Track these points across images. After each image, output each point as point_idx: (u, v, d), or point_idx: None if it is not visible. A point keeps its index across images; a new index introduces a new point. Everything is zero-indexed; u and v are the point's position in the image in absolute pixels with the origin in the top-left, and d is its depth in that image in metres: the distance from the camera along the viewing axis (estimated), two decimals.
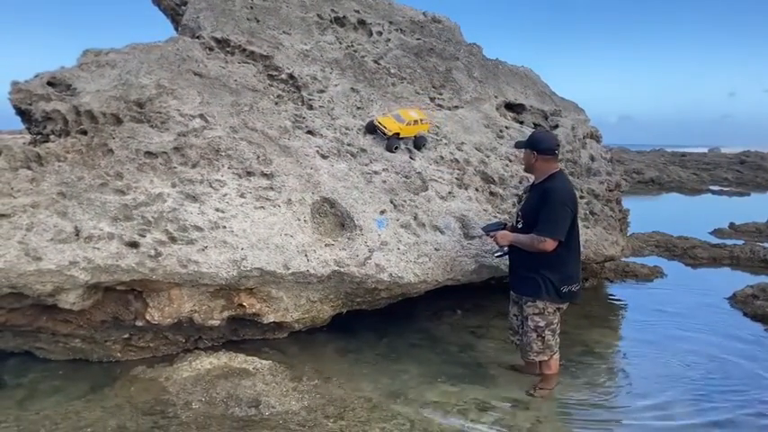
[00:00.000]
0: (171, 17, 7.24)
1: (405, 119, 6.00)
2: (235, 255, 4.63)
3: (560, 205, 4.48)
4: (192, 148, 5.03)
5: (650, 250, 10.56)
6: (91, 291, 4.39)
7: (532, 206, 4.63)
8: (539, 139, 4.77)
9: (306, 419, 4.16)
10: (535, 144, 4.69)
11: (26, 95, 5.06)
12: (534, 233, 4.50)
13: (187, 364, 4.81)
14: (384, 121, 6.03)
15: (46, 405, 4.33)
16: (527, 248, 4.57)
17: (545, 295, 4.58)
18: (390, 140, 6.00)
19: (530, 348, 4.72)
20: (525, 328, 4.73)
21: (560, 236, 4.47)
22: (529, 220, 4.62)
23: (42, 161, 4.56)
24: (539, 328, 4.66)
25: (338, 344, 5.66)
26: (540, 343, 4.68)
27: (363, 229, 5.25)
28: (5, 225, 4.14)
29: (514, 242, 4.68)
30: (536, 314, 4.66)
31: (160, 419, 4.10)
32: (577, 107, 8.51)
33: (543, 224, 4.47)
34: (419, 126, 6.11)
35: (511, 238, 4.71)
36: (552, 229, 4.45)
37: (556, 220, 4.46)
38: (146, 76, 5.37)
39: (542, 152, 4.64)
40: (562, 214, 4.48)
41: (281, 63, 6.28)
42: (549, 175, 4.65)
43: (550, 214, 4.46)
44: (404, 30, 7.52)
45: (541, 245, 4.46)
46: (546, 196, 4.51)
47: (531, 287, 4.64)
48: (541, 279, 4.57)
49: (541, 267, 4.56)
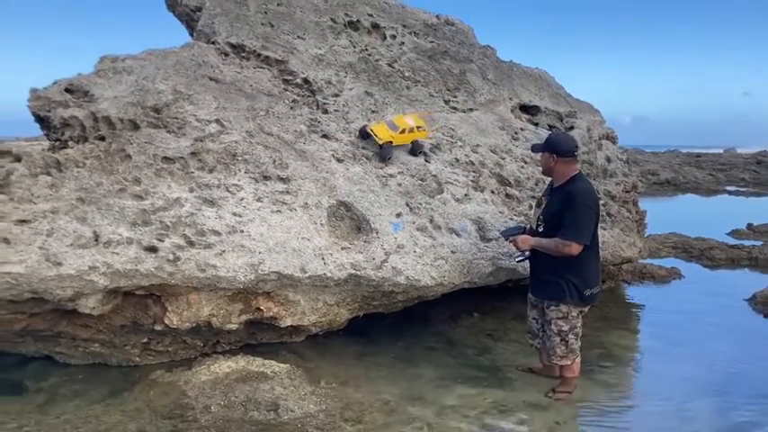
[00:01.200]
0: (186, 23, 7.27)
1: (399, 126, 5.86)
2: (252, 259, 4.65)
3: (584, 208, 4.43)
4: (209, 153, 5.06)
5: (667, 252, 10.48)
6: (110, 295, 4.42)
7: (554, 210, 4.56)
8: (557, 141, 4.71)
9: (324, 423, 4.16)
10: (554, 146, 4.63)
11: (44, 102, 5.10)
12: (559, 237, 4.44)
13: (205, 367, 4.83)
14: (376, 129, 5.89)
15: (66, 409, 4.36)
16: (551, 252, 4.52)
17: (569, 299, 4.54)
18: (383, 149, 5.84)
19: (553, 353, 4.68)
20: (548, 333, 4.69)
21: (585, 239, 4.43)
22: (551, 223, 4.56)
23: (61, 167, 4.60)
24: (562, 332, 4.62)
25: (355, 347, 5.66)
26: (564, 347, 4.65)
27: (379, 232, 5.25)
28: (26, 231, 4.18)
29: (536, 246, 4.62)
30: (560, 318, 4.61)
31: (179, 423, 4.12)
32: (592, 108, 8.48)
33: (568, 228, 4.41)
34: (415, 134, 5.97)
35: (532, 242, 4.65)
36: (577, 232, 4.40)
37: (580, 223, 4.41)
38: (162, 82, 5.40)
39: (562, 154, 4.59)
40: (586, 217, 4.44)
41: (295, 67, 6.31)
42: (570, 178, 4.60)
43: (575, 218, 4.40)
44: (417, 33, 7.53)
45: (566, 249, 4.41)
46: (569, 199, 4.44)
47: (555, 291, 4.58)
48: (565, 283, 4.52)
49: (564, 271, 4.51)
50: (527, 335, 5.10)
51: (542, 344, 4.85)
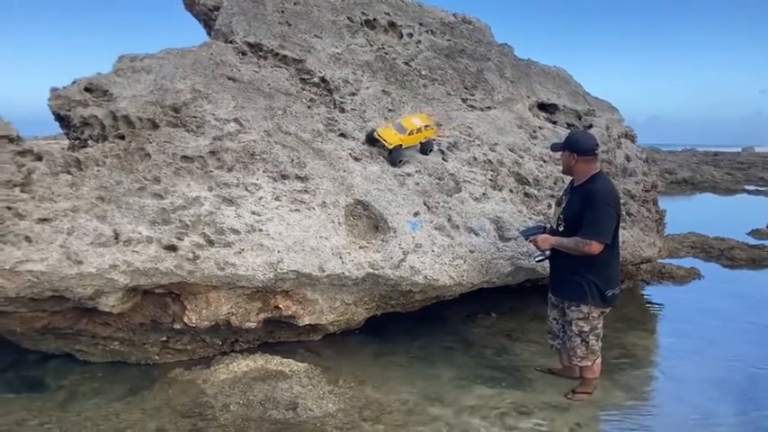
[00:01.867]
0: (204, 22, 7.30)
1: (407, 128, 5.79)
2: (271, 257, 4.65)
3: (605, 207, 4.37)
4: (228, 152, 5.07)
5: (686, 251, 10.38)
6: (130, 294, 4.44)
7: (575, 209, 4.49)
8: (577, 139, 4.65)
9: (343, 422, 4.15)
10: (574, 145, 4.58)
11: (65, 101, 5.13)
12: (579, 236, 4.39)
13: (224, 366, 4.84)
14: (384, 134, 5.79)
15: (86, 407, 4.39)
16: (571, 252, 4.47)
17: (590, 300, 4.49)
18: (393, 154, 5.77)
19: (574, 354, 4.65)
20: (569, 333, 4.65)
21: (606, 238, 4.37)
22: (571, 223, 4.50)
23: (82, 166, 4.62)
24: (583, 333, 4.58)
25: (372, 346, 5.64)
26: (585, 348, 4.61)
27: (397, 231, 5.24)
28: (47, 229, 4.20)
29: (557, 245, 4.57)
30: (580, 319, 4.57)
31: (199, 422, 4.13)
32: (611, 107, 8.41)
33: (588, 227, 4.36)
34: (424, 133, 5.91)
35: (553, 241, 4.60)
36: (598, 231, 4.35)
37: (601, 222, 4.36)
38: (181, 81, 5.42)
39: (582, 153, 4.53)
40: (607, 216, 4.38)
41: (312, 67, 6.30)
42: (591, 177, 4.54)
43: (595, 217, 4.35)
44: (434, 31, 7.50)
45: (587, 248, 4.35)
46: (590, 198, 4.39)
47: (576, 291, 4.53)
48: (586, 283, 4.47)
49: (586, 271, 4.47)
50: (547, 335, 5.06)
51: (562, 344, 4.81)
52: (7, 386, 4.73)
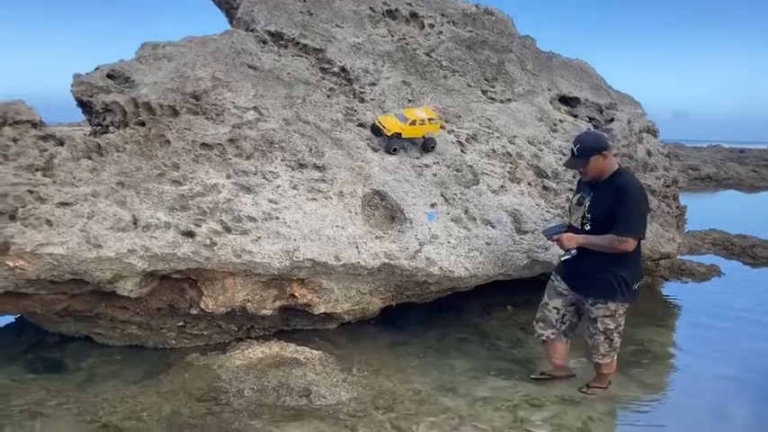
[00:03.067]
0: (225, 11, 7.34)
1: (408, 118, 5.68)
2: (287, 245, 4.68)
3: (638, 203, 4.25)
4: (247, 140, 5.10)
5: (707, 248, 10.24)
6: (148, 278, 4.49)
7: (606, 206, 4.30)
8: (596, 139, 4.50)
9: (356, 410, 4.18)
10: (599, 146, 4.39)
11: (87, 88, 5.20)
12: (613, 233, 4.24)
13: (240, 352, 4.88)
14: (384, 121, 5.74)
15: (104, 389, 4.46)
16: (604, 250, 4.30)
17: (619, 297, 4.35)
18: (390, 141, 5.68)
19: (596, 351, 4.56)
20: (592, 331, 4.54)
21: (641, 234, 4.27)
22: (602, 221, 4.32)
23: (102, 151, 4.68)
24: (608, 330, 4.47)
25: (387, 336, 5.66)
26: (608, 345, 4.52)
27: (414, 222, 5.24)
28: (68, 213, 4.27)
29: (586, 244, 4.38)
30: (606, 317, 4.44)
31: (213, 406, 4.17)
32: (633, 101, 8.31)
33: (623, 223, 4.20)
34: (427, 126, 5.76)
35: (580, 239, 4.41)
36: (633, 227, 4.22)
37: (636, 218, 4.24)
38: (201, 69, 5.46)
39: (606, 148, 4.39)
40: (641, 211, 4.28)
41: (333, 56, 6.31)
42: (615, 172, 4.40)
43: (630, 212, 4.20)
44: (456, 22, 7.46)
45: (623, 245, 4.20)
46: (622, 194, 4.22)
47: (606, 289, 4.38)
48: (615, 279, 4.32)
49: (614, 267, 4.32)
50: (537, 324, 4.80)
51: (557, 335, 4.72)
52: (28, 366, 4.83)
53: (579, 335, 4.79)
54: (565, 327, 4.73)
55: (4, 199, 4.19)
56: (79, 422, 4.00)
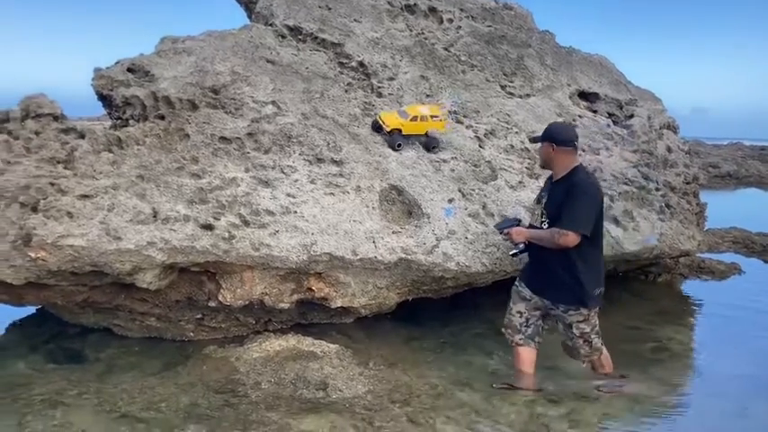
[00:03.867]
0: (244, 5, 7.36)
1: (410, 114, 5.60)
2: (305, 239, 4.69)
3: (583, 196, 4.16)
4: (265, 135, 5.12)
5: (727, 246, 10.13)
6: (167, 271, 4.53)
7: (558, 202, 4.26)
8: (557, 130, 4.45)
9: (372, 404, 4.18)
10: (553, 136, 4.37)
11: (107, 81, 5.25)
12: (556, 226, 4.19)
13: (257, 345, 4.90)
14: (385, 117, 5.65)
15: (123, 380, 4.49)
16: (546, 244, 4.23)
17: (588, 302, 4.30)
18: (392, 137, 5.59)
19: (578, 354, 4.55)
20: (570, 335, 4.50)
21: (584, 229, 4.12)
22: (554, 218, 4.29)
23: (122, 145, 4.72)
24: (585, 333, 4.43)
25: (403, 331, 5.66)
26: (588, 347, 4.49)
27: (431, 217, 5.23)
28: (88, 205, 4.31)
29: (531, 238, 4.37)
30: (581, 321, 4.39)
31: (231, 398, 4.20)
32: (654, 97, 8.24)
33: (565, 217, 4.14)
34: (429, 123, 5.66)
35: (527, 233, 4.41)
36: (575, 222, 4.11)
37: (579, 212, 4.14)
38: (221, 63, 5.49)
39: (561, 144, 4.32)
40: (586, 207, 4.16)
41: (351, 51, 6.31)
42: (572, 170, 4.34)
43: (573, 207, 4.14)
44: (475, 17, 7.43)
45: (563, 239, 4.11)
46: (570, 189, 4.19)
47: (574, 295, 4.31)
48: (583, 285, 4.25)
49: (579, 272, 4.24)
50: (505, 331, 4.72)
51: (524, 339, 4.63)
52: (49, 357, 4.89)
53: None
54: (530, 330, 4.62)
55: (27, 191, 4.25)
56: (99, 412, 4.03)
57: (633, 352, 5.36)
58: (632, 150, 6.99)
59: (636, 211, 6.33)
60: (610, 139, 7.00)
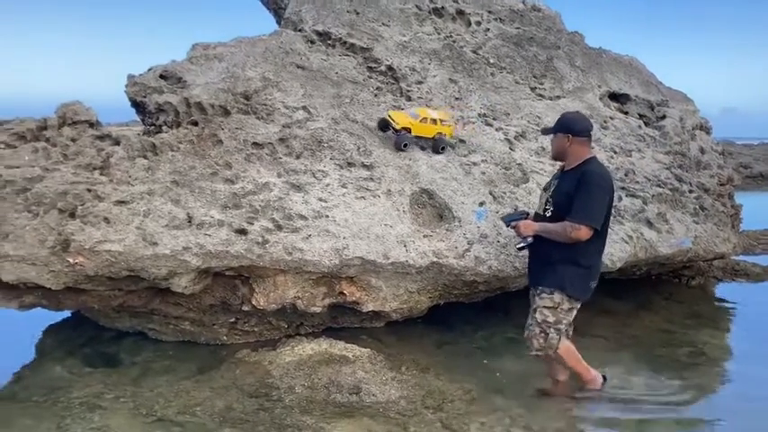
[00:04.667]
0: (273, 11, 7.42)
1: (420, 115, 5.52)
2: (337, 243, 4.70)
3: (597, 189, 4.06)
4: (296, 140, 5.14)
5: (763, 248, 9.95)
6: (201, 275, 4.57)
7: (565, 191, 4.15)
8: (573, 120, 4.34)
9: (405, 409, 4.17)
10: (570, 126, 4.26)
11: (141, 88, 5.31)
12: (567, 219, 4.05)
13: (289, 348, 4.93)
14: (395, 115, 5.57)
15: (158, 383, 4.54)
16: (556, 238, 4.11)
17: (568, 288, 4.15)
18: (400, 136, 5.48)
19: (530, 344, 4.33)
20: (530, 321, 4.33)
21: (596, 223, 4.03)
22: (560, 206, 4.16)
23: (157, 151, 4.77)
24: (546, 323, 4.23)
25: (435, 335, 5.64)
26: (543, 340, 4.26)
27: (462, 220, 5.21)
28: (125, 211, 4.37)
29: (541, 232, 4.21)
30: (547, 308, 4.22)
31: (265, 402, 4.22)
32: (686, 97, 8.13)
33: (578, 210, 4.01)
34: (438, 127, 5.56)
35: (536, 227, 4.24)
36: (589, 216, 4.01)
37: (592, 205, 4.03)
38: (251, 69, 5.53)
39: (577, 134, 4.21)
40: (599, 200, 4.06)
41: (380, 55, 6.32)
42: (585, 160, 4.23)
43: (587, 200, 4.02)
44: (503, 19, 7.39)
45: (575, 233, 4.00)
46: (583, 180, 4.07)
47: (552, 278, 4.18)
48: (566, 271, 4.13)
49: (569, 257, 4.12)
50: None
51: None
52: (86, 360, 4.95)
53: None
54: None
55: (64, 197, 4.31)
56: (135, 415, 4.08)
57: (669, 356, 5.30)
58: (665, 152, 6.90)
59: (669, 213, 6.24)
60: (641, 140, 6.91)
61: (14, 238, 4.15)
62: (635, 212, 5.94)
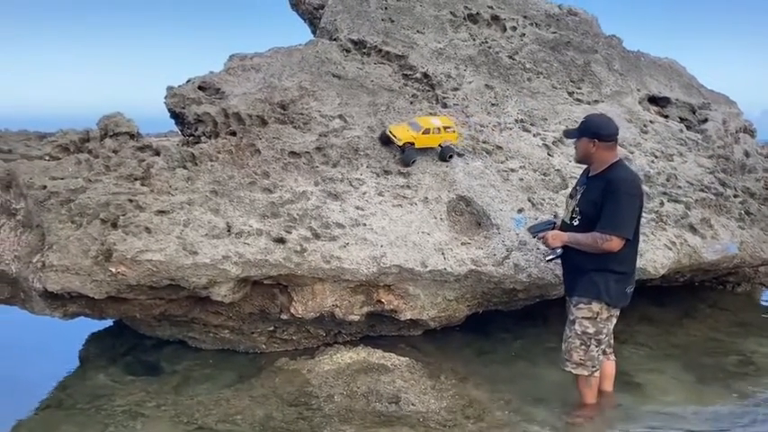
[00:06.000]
0: (309, 20, 7.47)
1: (421, 126, 5.30)
2: (374, 252, 4.69)
3: (627, 197, 3.90)
4: (333, 148, 5.16)
5: None
6: (241, 284, 4.59)
7: (593, 199, 4.00)
8: (598, 124, 4.15)
9: (446, 419, 4.13)
10: (596, 131, 4.06)
11: (180, 99, 5.39)
12: (598, 230, 3.91)
13: (328, 357, 4.92)
14: (395, 130, 5.33)
15: (199, 391, 4.58)
16: (587, 249, 3.97)
17: (604, 296, 3.99)
18: (406, 153, 5.28)
19: (569, 357, 4.14)
20: (569, 333, 4.15)
21: (628, 233, 3.90)
22: (588, 215, 4.01)
23: (196, 161, 4.83)
24: (585, 334, 4.05)
25: (473, 344, 5.58)
26: (583, 353, 4.08)
27: (501, 227, 5.16)
28: (165, 221, 4.42)
29: (570, 242, 4.06)
30: (587, 318, 4.04)
31: (304, 411, 4.22)
32: (729, 100, 7.95)
33: (608, 220, 3.87)
34: (443, 135, 5.37)
35: (565, 238, 4.09)
36: (619, 226, 3.86)
37: (623, 215, 3.88)
38: (288, 79, 5.57)
39: (604, 139, 4.03)
40: (629, 208, 3.91)
41: (415, 62, 6.30)
42: (611, 165, 4.05)
43: (617, 209, 3.87)
44: (539, 24, 7.32)
45: (606, 244, 3.86)
46: (610, 188, 3.91)
47: (587, 287, 4.02)
48: (603, 278, 3.97)
49: (606, 266, 3.97)
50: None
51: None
52: (127, 369, 5.02)
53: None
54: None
55: (107, 208, 4.38)
56: (176, 423, 4.12)
57: (715, 366, 5.17)
58: (708, 156, 6.74)
59: (714, 218, 6.09)
60: (683, 144, 6.77)
61: (59, 249, 4.23)
62: (678, 218, 5.81)
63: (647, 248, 5.35)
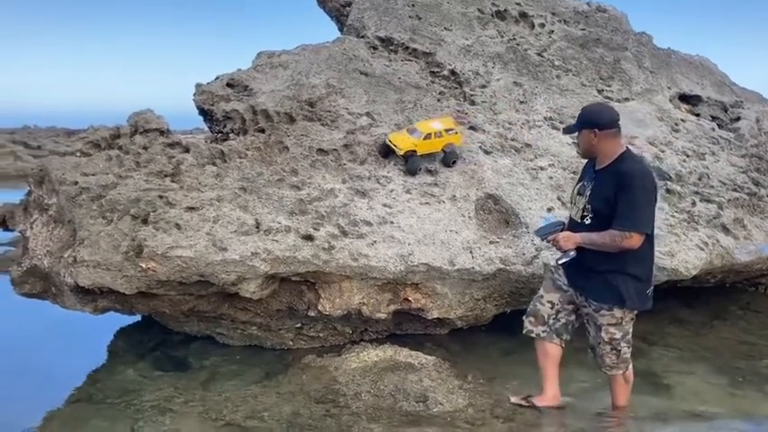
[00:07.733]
0: (336, 18, 7.47)
1: (422, 132, 5.15)
2: (402, 250, 4.67)
3: (641, 191, 3.64)
4: (360, 146, 5.16)
5: None
6: (269, 281, 4.60)
7: (605, 196, 3.72)
8: (596, 113, 3.90)
9: (474, 418, 4.09)
10: (594, 120, 3.80)
11: (208, 96, 5.42)
12: (615, 227, 3.65)
13: (355, 355, 4.91)
14: (395, 139, 5.17)
15: (226, 387, 4.59)
16: (605, 249, 3.70)
17: (628, 303, 3.77)
18: (410, 161, 5.14)
19: (602, 362, 4.01)
20: (598, 339, 3.97)
21: (648, 228, 3.66)
22: (601, 212, 3.74)
23: (225, 158, 4.86)
24: (614, 340, 3.89)
25: (500, 343, 5.52)
26: (615, 357, 3.94)
27: (529, 226, 5.11)
28: (195, 217, 4.45)
29: (585, 244, 3.78)
30: (611, 325, 3.85)
31: (332, 408, 4.20)
32: (762, 98, 7.81)
33: (626, 217, 3.62)
34: (445, 138, 5.22)
35: (577, 239, 3.80)
36: (638, 221, 3.61)
37: (641, 209, 3.63)
38: (315, 76, 5.57)
39: (604, 127, 3.75)
40: (645, 202, 3.65)
41: (442, 59, 6.28)
42: (619, 156, 3.78)
43: (634, 204, 3.62)
44: (567, 21, 7.24)
45: (626, 242, 3.61)
46: (624, 182, 3.65)
47: (612, 294, 3.79)
48: (623, 283, 3.74)
49: (623, 267, 3.74)
50: (526, 319, 4.28)
51: (548, 333, 4.18)
52: (155, 364, 5.06)
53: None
54: (558, 325, 4.14)
55: (137, 204, 4.42)
56: (205, 420, 4.13)
57: (749, 369, 5.06)
58: (740, 155, 6.62)
59: (747, 218, 5.98)
60: (715, 143, 6.65)
61: (90, 244, 4.28)
62: (710, 218, 5.71)
63: (679, 249, 5.27)
